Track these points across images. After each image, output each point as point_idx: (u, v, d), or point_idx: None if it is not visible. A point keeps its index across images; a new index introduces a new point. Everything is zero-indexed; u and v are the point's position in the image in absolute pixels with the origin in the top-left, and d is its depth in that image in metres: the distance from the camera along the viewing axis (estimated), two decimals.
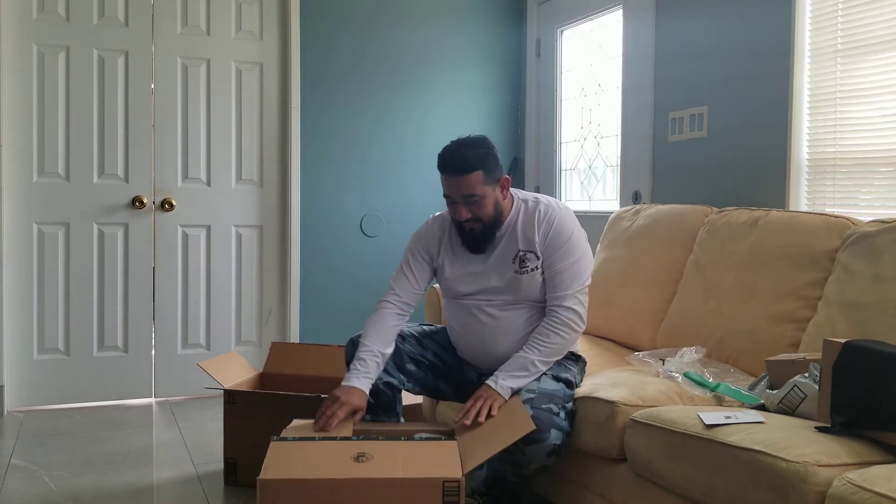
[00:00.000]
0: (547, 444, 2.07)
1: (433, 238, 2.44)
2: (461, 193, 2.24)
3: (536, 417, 2.07)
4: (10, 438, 3.27)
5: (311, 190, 4.16)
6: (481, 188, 2.24)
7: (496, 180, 2.28)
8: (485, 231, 2.31)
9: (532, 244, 2.31)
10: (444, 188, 2.29)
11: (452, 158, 2.24)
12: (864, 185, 2.61)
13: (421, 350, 2.46)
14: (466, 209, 2.26)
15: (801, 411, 1.88)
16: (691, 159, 3.31)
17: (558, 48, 4.35)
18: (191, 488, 2.74)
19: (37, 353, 3.76)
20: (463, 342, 2.44)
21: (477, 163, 2.23)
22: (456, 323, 2.45)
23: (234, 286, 4.08)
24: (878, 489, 1.41)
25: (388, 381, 2.36)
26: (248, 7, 4.04)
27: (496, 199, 2.29)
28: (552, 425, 2.09)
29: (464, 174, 2.22)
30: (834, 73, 2.69)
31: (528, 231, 2.32)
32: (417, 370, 2.43)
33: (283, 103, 4.12)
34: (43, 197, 3.74)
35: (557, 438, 2.10)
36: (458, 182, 2.23)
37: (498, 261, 2.35)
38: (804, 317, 2.29)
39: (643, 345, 2.77)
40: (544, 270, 2.32)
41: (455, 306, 2.45)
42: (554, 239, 2.30)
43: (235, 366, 2.95)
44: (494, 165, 2.27)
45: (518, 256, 2.33)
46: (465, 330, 2.42)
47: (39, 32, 3.70)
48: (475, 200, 2.24)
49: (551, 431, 2.08)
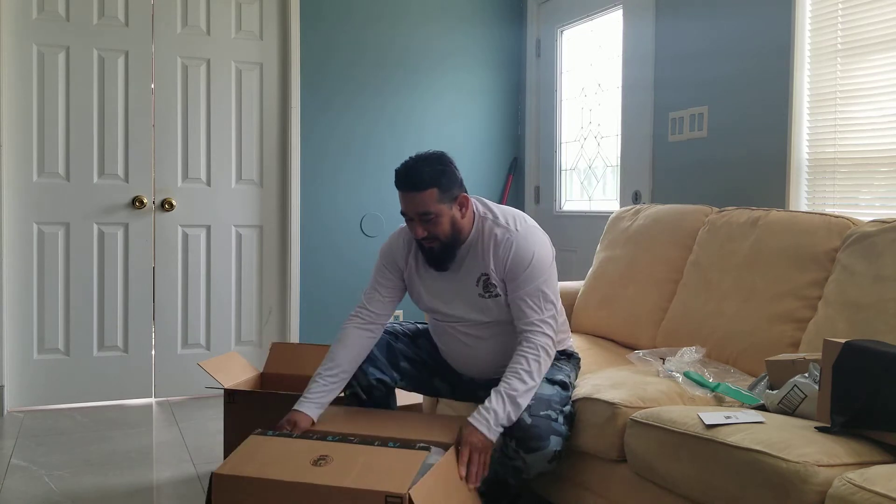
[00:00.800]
0: (547, 451, 2.07)
1: (400, 253, 2.36)
2: (416, 211, 2.16)
3: (535, 425, 2.06)
4: (10, 438, 3.27)
5: (311, 190, 4.16)
6: (436, 206, 2.15)
7: (453, 198, 2.18)
8: (444, 249, 2.22)
9: (493, 268, 2.22)
10: (401, 204, 2.21)
11: (407, 174, 2.16)
12: (864, 185, 2.61)
13: (415, 349, 2.47)
14: (422, 227, 2.17)
15: (801, 411, 1.88)
16: (691, 159, 3.31)
17: (558, 48, 4.35)
18: (191, 488, 2.74)
19: (37, 353, 3.76)
20: (446, 356, 2.45)
21: (432, 180, 2.14)
22: (436, 339, 2.46)
23: (234, 286, 4.08)
24: (878, 489, 1.41)
25: (381, 378, 2.36)
26: (248, 7, 4.04)
27: (453, 217, 2.19)
28: (551, 432, 2.09)
29: (418, 191, 2.14)
30: (834, 73, 2.69)
31: (485, 256, 2.23)
32: (411, 368, 2.44)
33: (283, 103, 4.12)
34: (43, 197, 3.74)
35: (557, 444, 2.09)
36: (413, 199, 2.15)
37: (463, 282, 2.27)
38: (804, 317, 2.29)
39: (643, 344, 2.77)
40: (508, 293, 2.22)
41: (433, 322, 2.44)
42: (513, 267, 2.19)
43: (235, 366, 2.95)
44: (451, 183, 2.18)
45: (481, 280, 2.25)
46: (445, 346, 2.42)
47: (39, 32, 3.70)
48: (430, 218, 2.16)
49: (551, 438, 2.08)
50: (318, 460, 1.86)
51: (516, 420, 2.07)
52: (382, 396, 2.40)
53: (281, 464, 1.86)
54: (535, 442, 2.06)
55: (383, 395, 2.40)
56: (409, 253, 2.35)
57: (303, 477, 1.80)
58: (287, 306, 4.14)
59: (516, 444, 2.08)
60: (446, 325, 2.37)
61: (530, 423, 2.06)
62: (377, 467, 1.82)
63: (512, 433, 2.08)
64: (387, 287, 2.36)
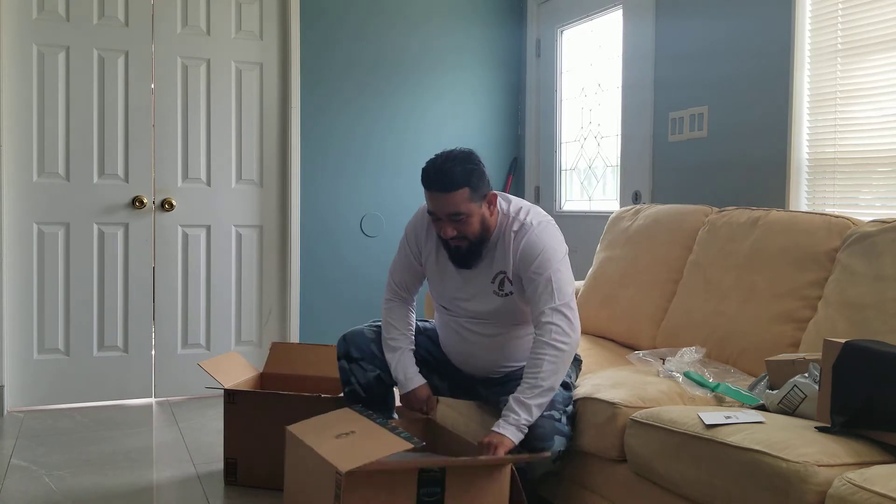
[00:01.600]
0: (552, 451, 2.08)
1: (422, 231, 2.36)
2: (446, 211, 2.14)
3: (539, 426, 2.07)
4: (10, 438, 3.27)
5: (311, 190, 4.16)
6: (467, 206, 2.13)
7: (483, 196, 2.17)
8: (471, 248, 2.22)
9: (507, 266, 2.23)
10: (428, 205, 2.19)
11: (438, 175, 2.12)
12: (864, 185, 2.61)
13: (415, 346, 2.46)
14: (452, 227, 2.16)
15: (801, 411, 1.88)
16: (691, 159, 3.31)
17: (558, 48, 4.35)
18: (191, 488, 2.74)
19: (37, 353, 3.76)
20: (448, 350, 2.45)
21: (463, 180, 2.11)
22: (442, 334, 2.46)
23: (234, 286, 4.08)
24: (878, 489, 1.41)
25: (380, 375, 2.38)
26: (248, 7, 4.04)
27: (483, 215, 2.19)
28: (555, 432, 2.09)
29: (449, 191, 2.11)
30: (834, 73, 2.69)
31: (505, 253, 2.24)
32: None
33: (283, 103, 4.12)
34: (43, 197, 3.74)
35: (561, 444, 2.10)
36: (444, 199, 2.12)
37: (479, 278, 2.28)
38: (804, 317, 2.29)
39: (643, 345, 2.77)
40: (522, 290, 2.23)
41: (441, 316, 2.45)
42: (523, 258, 2.20)
43: (235, 366, 2.95)
44: (481, 181, 2.16)
45: (497, 278, 2.26)
46: (449, 341, 2.43)
47: (39, 32, 3.70)
48: (461, 218, 2.14)
49: (555, 438, 2.09)
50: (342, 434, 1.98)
51: None
52: (381, 394, 2.40)
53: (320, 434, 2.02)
54: (540, 442, 2.06)
55: (381, 392, 2.40)
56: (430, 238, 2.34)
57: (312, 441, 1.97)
58: (287, 306, 4.14)
59: (521, 444, 2.08)
60: (456, 320, 2.37)
61: (535, 424, 2.07)
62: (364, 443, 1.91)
63: None
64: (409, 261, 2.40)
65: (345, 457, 1.83)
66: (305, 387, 2.91)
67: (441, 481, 1.89)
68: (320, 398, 2.61)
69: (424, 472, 1.88)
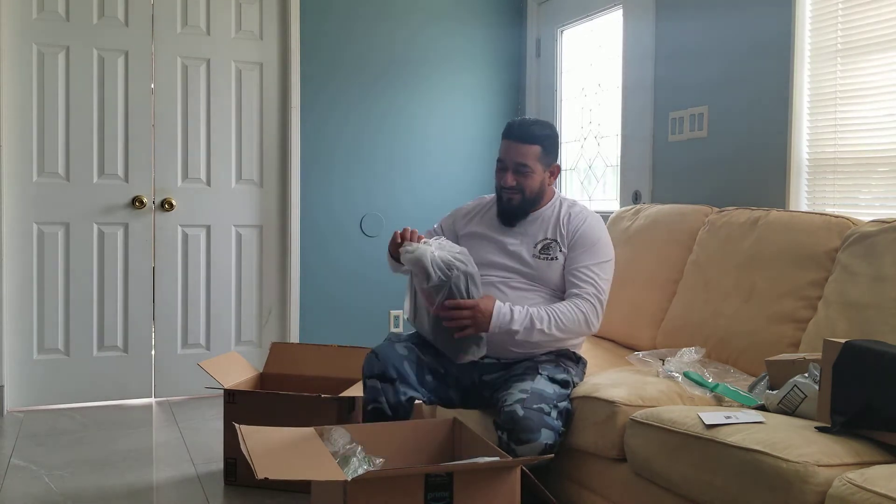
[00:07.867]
0: (537, 444, 2.07)
1: (462, 211, 2.62)
2: (514, 160, 2.39)
3: (527, 418, 2.07)
4: (10, 438, 3.27)
5: (311, 190, 4.16)
6: (534, 163, 2.39)
7: (548, 164, 2.44)
8: (522, 204, 2.43)
9: (561, 236, 2.42)
10: (500, 152, 2.44)
11: (521, 126, 2.41)
12: (864, 185, 2.61)
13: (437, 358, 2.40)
14: (513, 177, 2.39)
15: (801, 411, 1.88)
16: (691, 159, 3.31)
17: (558, 48, 4.35)
18: (191, 488, 2.74)
19: (37, 353, 3.76)
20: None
21: (539, 138, 2.39)
22: None
23: (234, 286, 4.08)
24: (878, 489, 1.41)
25: (413, 395, 2.31)
26: (248, 7, 4.04)
27: (543, 179, 2.43)
28: (543, 425, 2.09)
29: (524, 143, 2.38)
30: (834, 72, 2.69)
31: (560, 225, 2.43)
32: (433, 380, 2.38)
33: (283, 103, 4.12)
34: (43, 197, 3.74)
35: (549, 438, 2.09)
36: (517, 148, 2.39)
37: (523, 240, 2.45)
38: (804, 317, 2.29)
39: (643, 345, 2.77)
40: (566, 265, 2.41)
41: None
42: (581, 239, 2.40)
43: (235, 366, 2.95)
44: (553, 149, 2.45)
45: (542, 242, 2.42)
46: None
47: (39, 32, 3.70)
48: (525, 171, 2.39)
49: (542, 431, 2.08)
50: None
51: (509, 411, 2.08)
52: (406, 413, 2.33)
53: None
54: (526, 434, 2.06)
55: (408, 411, 2.33)
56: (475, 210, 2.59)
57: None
58: (287, 306, 4.14)
59: (507, 436, 2.08)
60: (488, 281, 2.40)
61: (522, 416, 2.07)
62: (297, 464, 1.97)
63: (504, 425, 2.09)
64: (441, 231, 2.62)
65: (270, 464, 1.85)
66: (305, 387, 2.92)
67: (448, 485, 1.89)
68: (320, 398, 2.61)
69: (431, 477, 1.88)
